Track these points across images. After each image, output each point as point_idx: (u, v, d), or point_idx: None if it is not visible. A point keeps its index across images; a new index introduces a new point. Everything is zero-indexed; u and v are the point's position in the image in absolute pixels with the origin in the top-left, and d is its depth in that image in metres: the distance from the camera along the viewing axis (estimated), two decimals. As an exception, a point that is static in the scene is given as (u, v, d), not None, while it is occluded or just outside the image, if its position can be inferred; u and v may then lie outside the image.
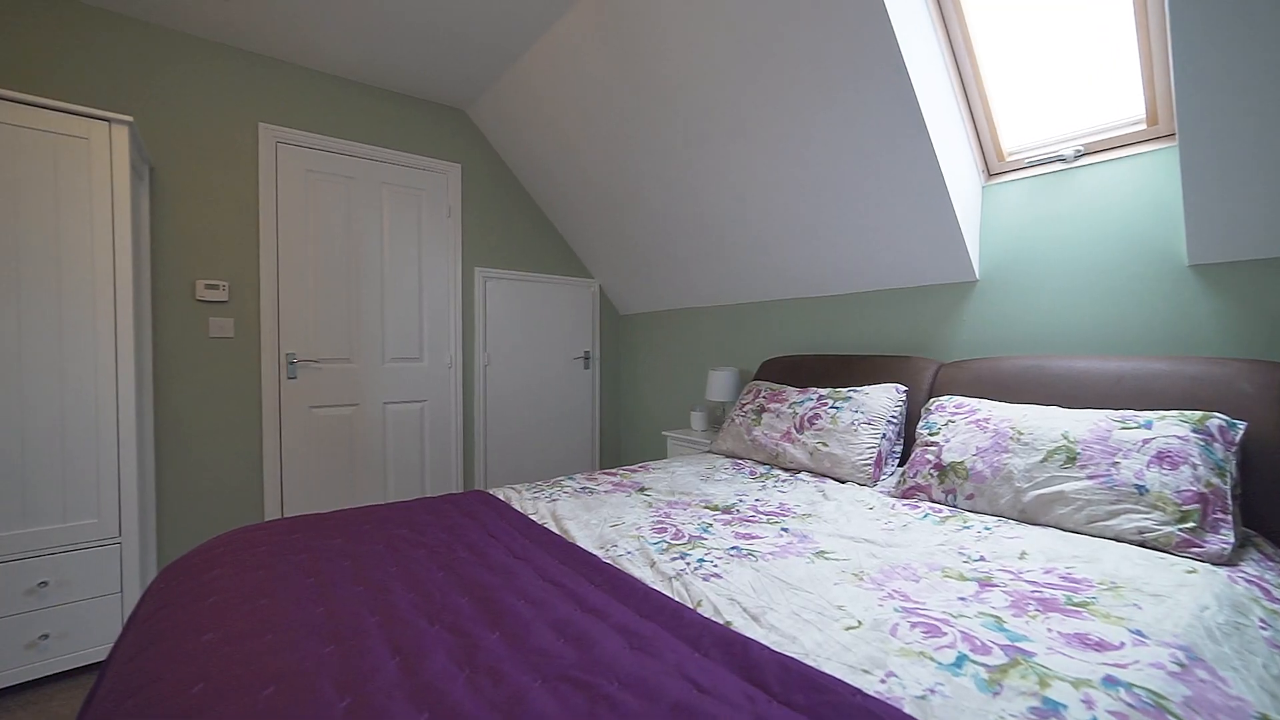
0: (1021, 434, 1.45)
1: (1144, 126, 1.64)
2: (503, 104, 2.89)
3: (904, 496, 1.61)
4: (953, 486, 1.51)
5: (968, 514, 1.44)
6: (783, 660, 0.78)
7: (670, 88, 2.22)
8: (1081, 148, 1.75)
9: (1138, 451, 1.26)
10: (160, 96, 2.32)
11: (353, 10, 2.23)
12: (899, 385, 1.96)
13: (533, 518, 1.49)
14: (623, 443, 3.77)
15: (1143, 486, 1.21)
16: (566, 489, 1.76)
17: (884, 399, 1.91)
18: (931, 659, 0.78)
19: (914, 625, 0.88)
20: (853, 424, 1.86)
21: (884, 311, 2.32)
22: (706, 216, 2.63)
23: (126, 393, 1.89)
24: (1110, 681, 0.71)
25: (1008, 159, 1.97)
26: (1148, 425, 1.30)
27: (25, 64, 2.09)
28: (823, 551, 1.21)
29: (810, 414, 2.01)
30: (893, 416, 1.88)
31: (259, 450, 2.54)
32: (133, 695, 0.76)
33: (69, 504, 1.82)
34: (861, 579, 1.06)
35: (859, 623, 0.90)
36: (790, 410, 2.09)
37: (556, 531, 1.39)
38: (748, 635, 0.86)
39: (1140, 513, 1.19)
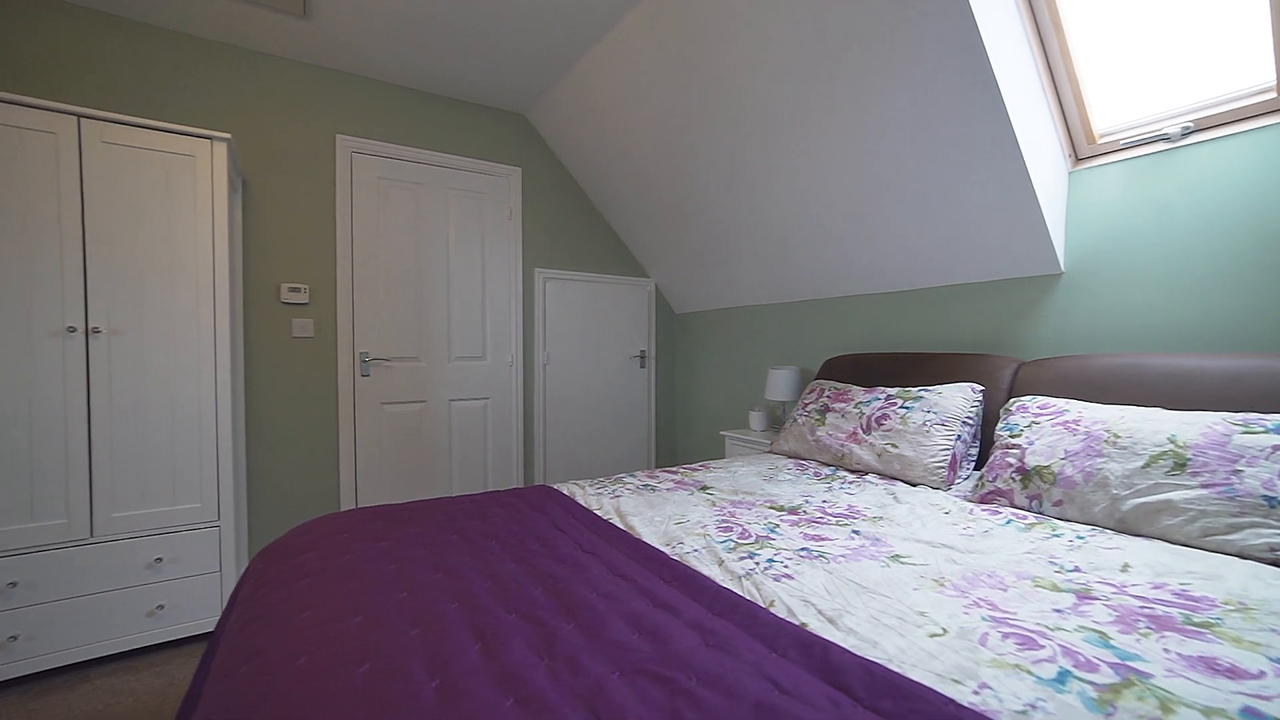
0: (1118, 437, 1.35)
1: (1273, 95, 1.47)
2: (561, 107, 2.95)
3: (983, 501, 1.53)
4: (1038, 492, 1.42)
5: (1056, 521, 1.35)
6: (866, 664, 0.75)
7: (729, 80, 2.20)
8: (1190, 124, 1.60)
9: (1266, 459, 1.14)
10: (251, 114, 2.50)
11: (419, 25, 2.33)
12: (974, 385, 1.86)
13: (597, 513, 1.51)
14: (678, 442, 3.77)
15: (1274, 498, 1.10)
16: (628, 486, 1.77)
17: (959, 399, 1.82)
18: (1029, 672, 0.74)
19: (1005, 636, 0.83)
20: (925, 425, 1.78)
21: (957, 307, 2.21)
22: (766, 212, 2.59)
23: (224, 388, 2.05)
24: (1251, 714, 0.65)
25: (1099, 141, 1.83)
26: (1278, 429, 1.17)
27: (142, 92, 2.30)
28: (898, 556, 1.16)
29: (878, 414, 1.94)
30: (968, 417, 1.79)
31: (335, 443, 2.70)
32: (245, 663, 0.82)
33: (177, 489, 1.99)
34: (943, 585, 1.02)
35: (944, 630, 0.86)
36: (856, 410, 2.03)
37: (622, 527, 1.41)
38: (826, 638, 0.84)
39: (1271, 527, 1.08)
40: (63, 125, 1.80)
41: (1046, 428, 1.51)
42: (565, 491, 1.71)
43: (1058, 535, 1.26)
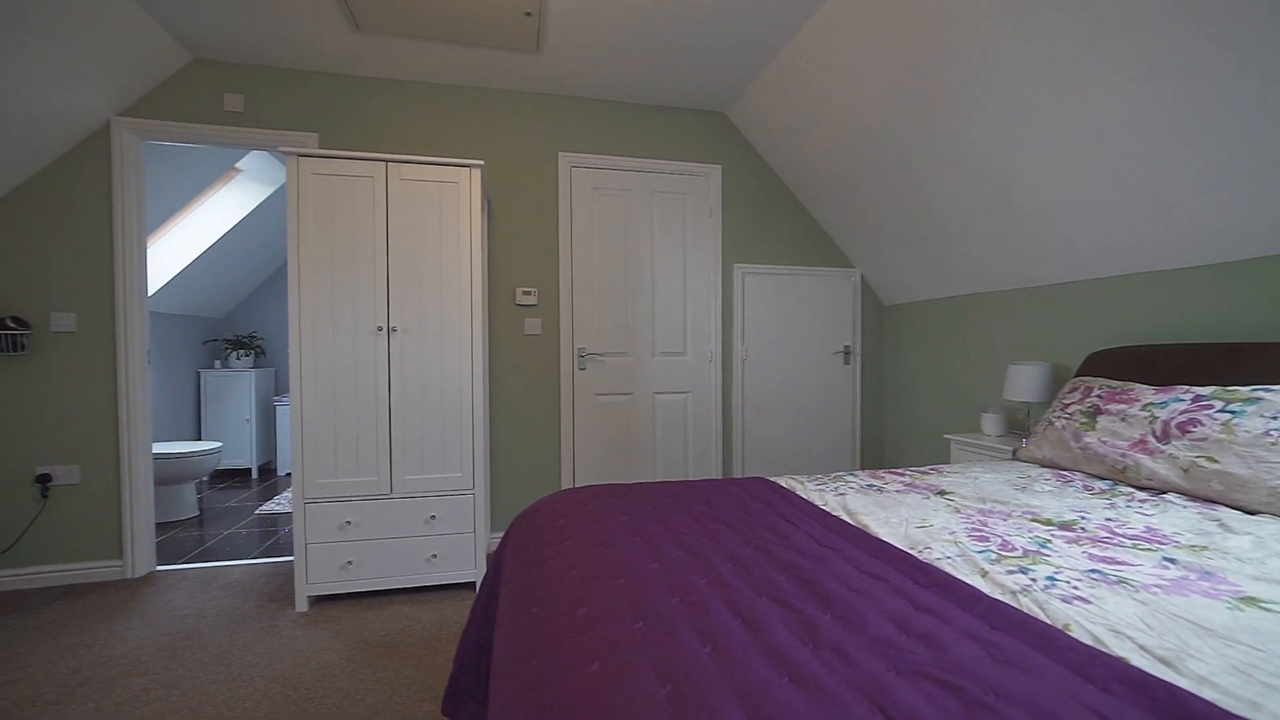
0: None
1: None
2: (761, 101, 2.91)
3: (1377, 540, 1.12)
4: None
5: None
6: (1242, 722, 0.59)
7: (949, 41, 1.95)
8: None
9: None
10: (492, 142, 2.93)
11: (632, 43, 2.49)
12: (1349, 383, 1.38)
13: (823, 508, 1.45)
14: (886, 443, 3.47)
15: None
16: (851, 484, 1.67)
17: (1322, 402, 1.36)
18: None
19: None
20: (1269, 435, 1.36)
21: (1308, 282, 1.66)
22: (994, 185, 2.24)
23: (478, 378, 2.43)
24: None
25: None
26: None
27: (417, 135, 2.84)
28: (1253, 599, 0.90)
29: (1182, 419, 1.54)
30: (1340, 427, 1.33)
31: (557, 428, 3.02)
32: (534, 605, 0.95)
33: (445, 460, 2.41)
34: (1340, 642, 0.76)
35: (1360, 701, 0.64)
36: (1145, 414, 1.64)
37: (854, 525, 1.33)
38: (1168, 680, 0.68)
39: None
40: (377, 170, 2.30)
41: None
42: (784, 484, 1.67)
43: None
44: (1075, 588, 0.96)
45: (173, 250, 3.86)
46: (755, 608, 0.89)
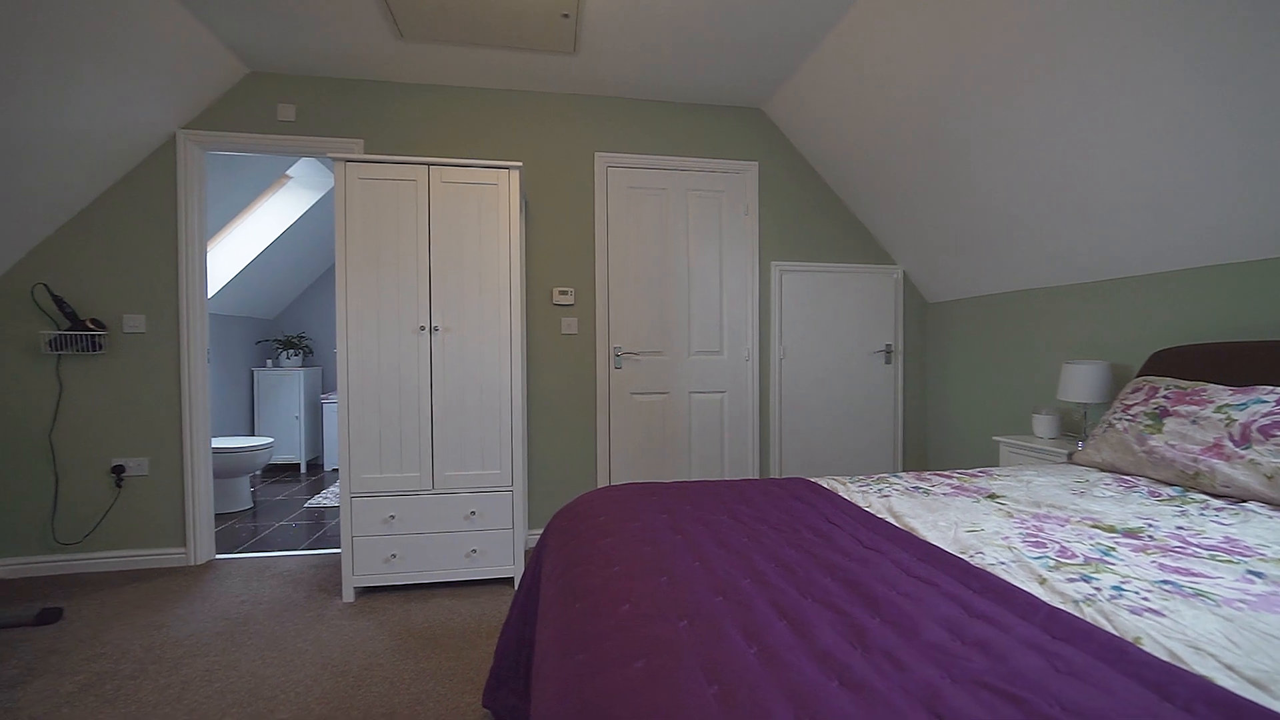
0: None
1: None
2: (800, 95, 2.86)
3: None
4: None
5: None
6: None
7: (1002, 26, 1.87)
8: None
9: None
10: (530, 144, 2.97)
11: (670, 41, 2.48)
12: None
13: (868, 510, 1.41)
14: (929, 445, 3.36)
15: None
16: (895, 486, 1.62)
17: None
18: None
19: None
20: (1362, 437, 1.26)
21: None
22: (1050, 176, 2.13)
23: (517, 377, 2.46)
24: None
25: None
26: None
27: (457, 138, 2.90)
28: (1351, 614, 0.83)
29: (1264, 422, 1.44)
30: None
31: (593, 427, 3.04)
32: (578, 600, 0.95)
33: (485, 457, 2.45)
34: None
35: None
36: (1220, 416, 1.54)
37: (901, 528, 1.29)
38: (1265, 705, 0.64)
39: None
40: (419, 173, 2.36)
41: None
42: (825, 485, 1.64)
43: None
44: (1145, 599, 0.91)
45: (228, 255, 4.06)
46: (801, 609, 0.87)
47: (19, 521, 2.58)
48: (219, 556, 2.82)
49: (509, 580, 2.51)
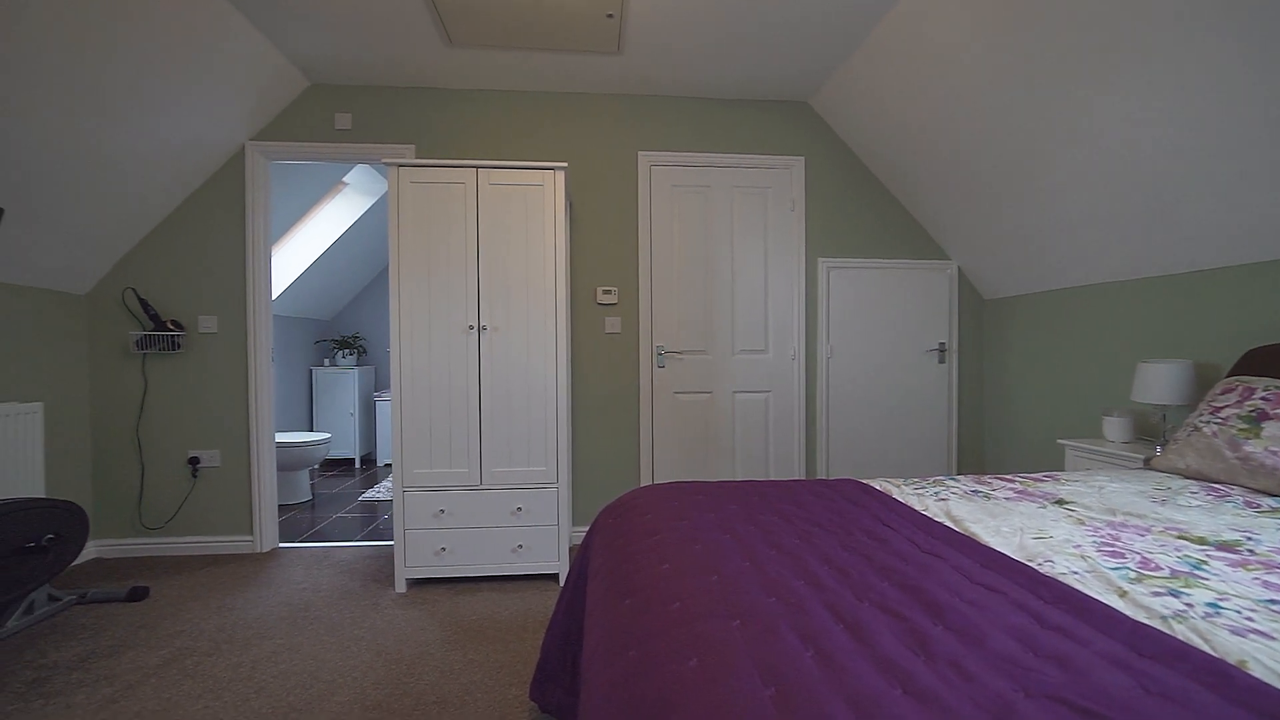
0: None
1: None
2: (848, 88, 2.78)
3: None
4: None
5: None
6: None
7: (1065, 8, 1.75)
8: None
9: None
10: (574, 145, 3.00)
11: (714, 38, 2.46)
12: None
13: (924, 513, 1.36)
14: (985, 447, 3.21)
15: None
16: (954, 489, 1.55)
17: None
18: None
19: None
20: None
21: None
22: (1119, 162, 2.00)
23: (562, 375, 2.49)
24: None
25: None
26: None
27: (504, 141, 2.96)
28: None
29: (1376, 425, 1.30)
30: None
31: (636, 426, 3.04)
32: (628, 596, 0.95)
33: (531, 454, 2.48)
34: None
35: None
36: (1324, 418, 1.40)
37: (961, 532, 1.23)
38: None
39: None
40: (468, 176, 2.42)
41: None
42: (878, 487, 1.58)
43: None
44: (1249, 619, 0.83)
45: (289, 259, 4.27)
46: (857, 613, 0.84)
47: (114, 507, 2.81)
48: (282, 545, 2.97)
49: (553, 576, 2.54)
